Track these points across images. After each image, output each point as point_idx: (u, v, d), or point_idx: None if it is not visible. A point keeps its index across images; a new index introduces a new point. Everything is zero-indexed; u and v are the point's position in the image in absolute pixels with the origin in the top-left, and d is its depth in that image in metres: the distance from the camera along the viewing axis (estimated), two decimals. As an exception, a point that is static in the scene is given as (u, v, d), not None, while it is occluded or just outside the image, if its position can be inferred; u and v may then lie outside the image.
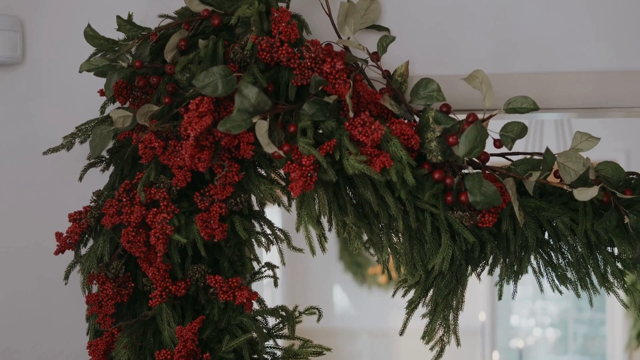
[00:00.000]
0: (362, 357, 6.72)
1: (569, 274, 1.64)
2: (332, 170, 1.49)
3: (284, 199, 1.64)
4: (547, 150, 1.48)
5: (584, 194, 1.46)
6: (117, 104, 1.67)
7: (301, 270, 6.38)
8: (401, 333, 1.67)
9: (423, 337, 1.65)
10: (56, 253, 1.57)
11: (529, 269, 1.66)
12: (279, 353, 1.67)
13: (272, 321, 1.70)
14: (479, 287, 6.61)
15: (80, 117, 1.68)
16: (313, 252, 1.60)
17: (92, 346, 1.57)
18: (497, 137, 1.52)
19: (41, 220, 1.77)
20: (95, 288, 1.65)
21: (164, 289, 1.56)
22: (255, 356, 1.64)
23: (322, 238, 1.61)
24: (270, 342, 1.67)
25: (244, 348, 1.60)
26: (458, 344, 1.64)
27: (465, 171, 1.56)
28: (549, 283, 1.66)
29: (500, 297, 1.76)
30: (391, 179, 1.50)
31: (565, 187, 1.50)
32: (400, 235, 1.61)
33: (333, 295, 6.75)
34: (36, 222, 1.77)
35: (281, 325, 1.69)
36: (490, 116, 1.50)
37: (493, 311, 6.85)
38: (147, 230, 1.54)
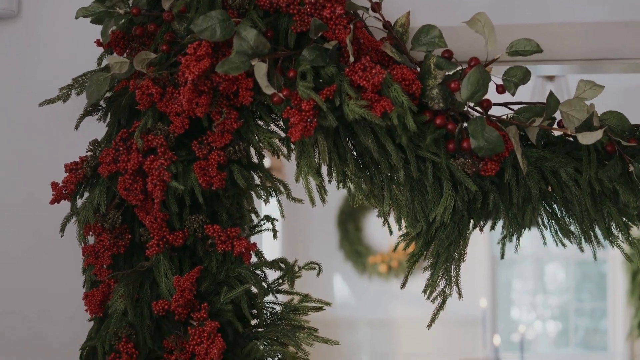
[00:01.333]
0: (362, 347, 6.69)
1: (572, 228, 1.62)
2: (332, 116, 1.47)
3: (284, 150, 1.61)
4: (551, 94, 1.46)
5: (588, 138, 1.44)
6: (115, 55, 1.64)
7: (301, 259, 6.35)
8: (402, 286, 1.64)
9: (425, 291, 1.62)
10: (52, 202, 1.55)
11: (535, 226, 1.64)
12: (278, 308, 1.65)
13: (271, 278, 1.68)
14: (479, 272, 6.59)
15: (77, 70, 1.66)
16: (313, 202, 1.57)
17: (89, 297, 1.55)
18: (500, 82, 1.50)
19: (37, 172, 1.74)
20: (91, 240, 1.62)
21: (161, 238, 1.54)
22: (255, 311, 1.62)
23: (321, 189, 1.59)
24: (270, 298, 1.65)
25: (243, 300, 1.57)
26: (460, 296, 1.61)
27: (466, 124, 1.54)
28: (552, 236, 1.63)
29: (502, 256, 1.74)
30: (392, 126, 1.48)
31: (569, 132, 1.48)
32: (401, 186, 1.58)
33: (333, 284, 6.72)
34: (33, 174, 1.75)
35: (280, 280, 1.67)
36: (493, 60, 1.47)
37: (494, 297, 6.83)
38: (144, 178, 1.52)
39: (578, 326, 7.28)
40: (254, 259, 1.63)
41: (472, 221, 1.63)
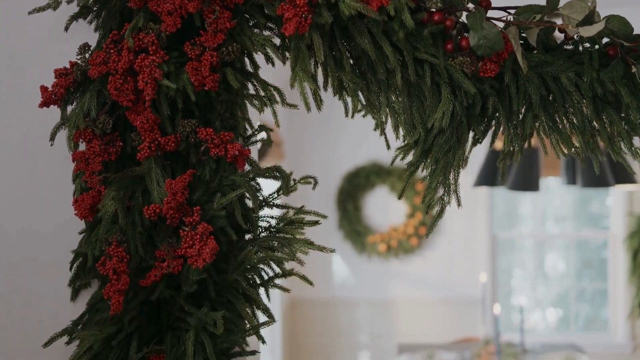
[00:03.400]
0: (361, 327, 6.65)
1: (574, 139, 1.58)
2: (327, 12, 1.43)
3: (279, 55, 1.57)
4: (552, -14, 1.42)
5: (589, 30, 1.40)
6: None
7: (300, 238, 6.31)
8: (399, 197, 1.61)
9: (423, 200, 1.59)
10: (40, 106, 1.51)
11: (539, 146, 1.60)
12: (273, 222, 1.61)
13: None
14: (479, 253, 6.55)
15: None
16: (308, 108, 1.54)
17: (78, 202, 1.51)
18: (499, -22, 1.46)
19: (26, 82, 1.70)
20: (82, 147, 1.58)
21: (152, 141, 1.50)
22: (249, 224, 1.59)
23: (317, 95, 1.55)
24: (266, 212, 1.62)
25: (237, 208, 1.53)
26: (459, 204, 1.58)
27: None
28: (552, 146, 1.59)
29: (502, 177, 1.70)
30: (389, 25, 1.45)
31: (569, 28, 1.44)
32: (398, 92, 1.55)
33: (332, 264, 6.68)
34: (22, 81, 1.71)
35: (276, 194, 1.63)
36: (492, -47, 1.44)
37: (493, 275, 6.80)
38: (135, 78, 1.48)
39: (579, 313, 7.24)
40: (247, 169, 1.59)
41: (471, 131, 1.59)
